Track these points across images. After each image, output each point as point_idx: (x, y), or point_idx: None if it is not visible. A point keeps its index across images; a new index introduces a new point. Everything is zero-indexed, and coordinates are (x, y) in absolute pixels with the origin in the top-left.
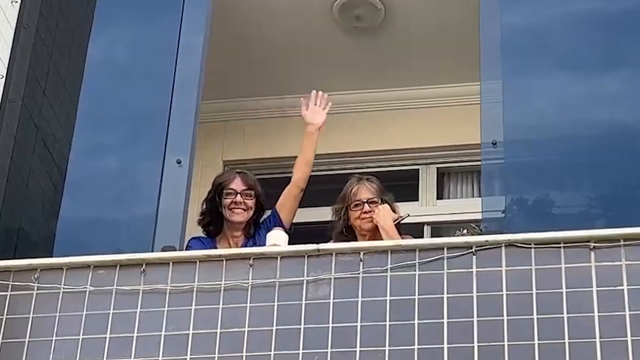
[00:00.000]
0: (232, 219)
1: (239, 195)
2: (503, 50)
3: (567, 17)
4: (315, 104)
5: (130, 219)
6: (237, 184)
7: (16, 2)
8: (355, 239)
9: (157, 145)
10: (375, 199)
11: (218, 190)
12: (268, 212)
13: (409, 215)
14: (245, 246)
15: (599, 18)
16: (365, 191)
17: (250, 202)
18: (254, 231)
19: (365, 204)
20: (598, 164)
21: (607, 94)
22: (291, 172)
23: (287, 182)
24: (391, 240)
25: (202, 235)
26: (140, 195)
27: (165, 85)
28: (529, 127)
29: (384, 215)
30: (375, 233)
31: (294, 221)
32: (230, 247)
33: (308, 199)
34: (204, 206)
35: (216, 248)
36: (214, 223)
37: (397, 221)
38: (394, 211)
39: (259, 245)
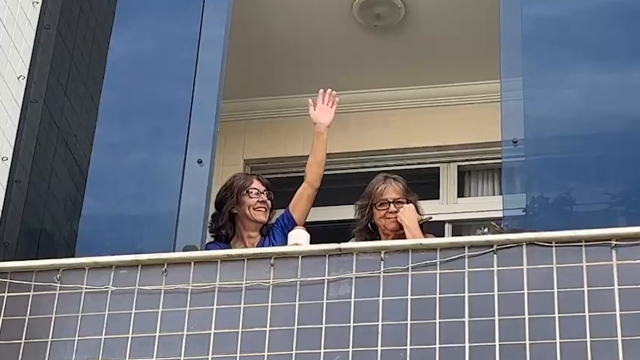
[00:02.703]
0: (258, 218)
1: (262, 194)
2: (524, 46)
3: (588, 11)
4: (323, 103)
5: (151, 218)
6: (258, 185)
7: (37, 2)
8: (377, 237)
9: (178, 145)
10: (402, 200)
11: (239, 192)
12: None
13: (431, 218)
14: (261, 245)
15: (619, 11)
16: (392, 191)
17: (270, 203)
18: (267, 230)
19: (392, 204)
20: (619, 161)
21: (629, 89)
22: None
23: None
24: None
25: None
26: (161, 194)
27: (186, 81)
28: (550, 124)
29: (409, 214)
30: (398, 233)
31: (314, 220)
32: (246, 247)
33: (329, 197)
34: (221, 212)
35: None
36: (226, 227)
37: (421, 222)
38: (417, 211)
39: (275, 244)
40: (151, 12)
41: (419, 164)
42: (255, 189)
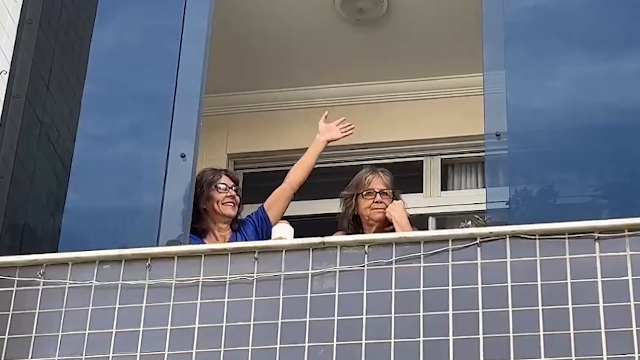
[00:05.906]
0: (226, 212)
1: (230, 189)
2: (507, 39)
3: (572, 3)
4: (338, 125)
5: (135, 213)
6: (226, 180)
7: None
8: (360, 229)
9: (162, 139)
10: (387, 191)
11: (208, 187)
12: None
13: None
14: (233, 240)
15: (603, 2)
16: (379, 181)
17: (238, 198)
18: (238, 225)
19: (378, 194)
20: (602, 154)
21: (612, 81)
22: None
23: None
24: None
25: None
26: (144, 189)
27: (169, 74)
28: (533, 117)
29: (399, 210)
30: (383, 224)
31: (298, 214)
32: (217, 241)
33: (313, 191)
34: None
35: (204, 243)
36: (196, 221)
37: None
38: None
39: (246, 239)
40: (133, 5)
41: (403, 157)
42: (224, 184)
